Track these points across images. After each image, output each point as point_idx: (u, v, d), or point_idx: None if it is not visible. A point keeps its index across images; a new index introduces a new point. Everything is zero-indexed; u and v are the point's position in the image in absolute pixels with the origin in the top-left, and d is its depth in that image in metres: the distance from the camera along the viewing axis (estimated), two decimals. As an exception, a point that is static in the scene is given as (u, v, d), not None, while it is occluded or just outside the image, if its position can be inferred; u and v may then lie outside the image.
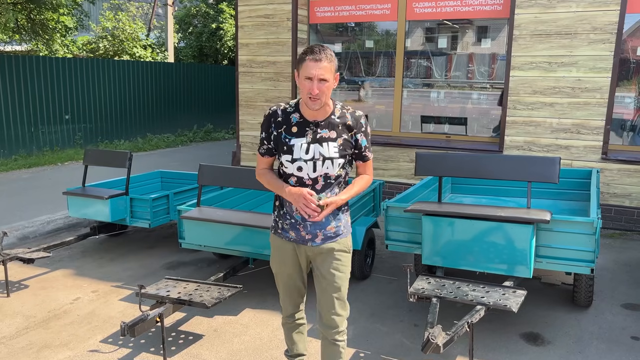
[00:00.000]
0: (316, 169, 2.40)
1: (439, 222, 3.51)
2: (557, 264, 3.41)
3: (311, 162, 2.39)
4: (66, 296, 4.32)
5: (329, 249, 2.49)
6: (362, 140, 2.47)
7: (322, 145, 2.40)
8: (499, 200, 5.13)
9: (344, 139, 2.42)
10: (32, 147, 10.69)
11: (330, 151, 2.40)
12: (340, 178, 2.48)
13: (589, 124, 5.94)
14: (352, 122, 2.44)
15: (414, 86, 7.26)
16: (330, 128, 2.41)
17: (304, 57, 2.30)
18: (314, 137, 2.40)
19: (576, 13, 5.83)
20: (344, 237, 2.53)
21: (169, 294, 3.50)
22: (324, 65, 2.27)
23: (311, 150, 2.39)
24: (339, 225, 2.51)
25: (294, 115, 2.44)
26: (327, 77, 2.28)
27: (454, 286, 3.25)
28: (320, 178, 2.42)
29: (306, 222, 2.46)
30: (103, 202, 4.90)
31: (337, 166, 2.41)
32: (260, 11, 7.51)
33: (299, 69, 2.33)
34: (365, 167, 2.58)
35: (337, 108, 2.46)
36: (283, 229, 2.54)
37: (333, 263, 2.49)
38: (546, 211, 3.38)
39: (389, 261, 5.12)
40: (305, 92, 2.29)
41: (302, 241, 2.49)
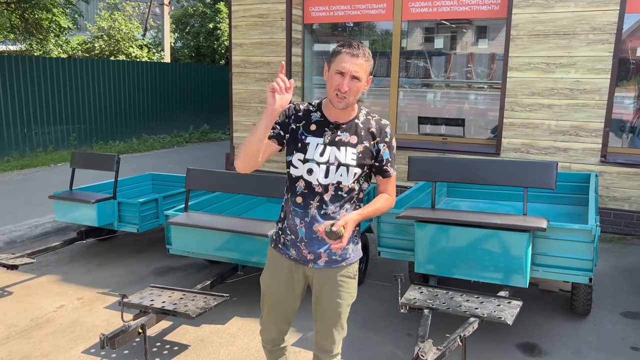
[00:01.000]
0: (328, 175, 2.14)
1: (432, 229, 3.39)
2: (554, 272, 3.30)
3: (324, 165, 2.14)
4: (50, 303, 4.20)
5: (332, 273, 2.23)
6: (384, 151, 2.20)
7: (340, 149, 2.15)
8: (496, 204, 5.01)
9: (364, 147, 2.16)
10: (25, 148, 10.56)
11: (347, 157, 2.14)
12: (353, 193, 2.20)
13: (588, 126, 5.83)
14: (375, 130, 2.20)
15: (410, 87, 7.15)
16: (351, 132, 2.17)
17: (340, 49, 2.07)
18: (332, 139, 2.15)
19: (575, 13, 5.71)
20: (351, 262, 2.25)
21: (153, 303, 3.39)
22: (360, 62, 2.04)
23: (327, 153, 2.14)
24: (347, 248, 2.23)
25: (315, 114, 2.21)
26: (360, 76, 2.05)
27: (447, 296, 3.13)
28: (332, 187, 2.15)
29: (311, 239, 2.19)
30: (90, 206, 4.78)
31: (352, 176, 2.14)
32: (254, 11, 7.39)
33: (331, 62, 2.09)
34: (387, 185, 2.27)
35: (362, 113, 2.22)
36: (284, 245, 2.29)
37: (335, 290, 2.24)
38: (543, 218, 3.26)
39: (383, 267, 5.01)
40: (334, 87, 2.06)
41: (302, 261, 2.24)
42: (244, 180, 4.08)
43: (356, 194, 2.22)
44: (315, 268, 2.24)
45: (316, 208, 2.17)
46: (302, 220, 2.19)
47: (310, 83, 7.68)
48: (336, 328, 2.31)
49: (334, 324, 2.30)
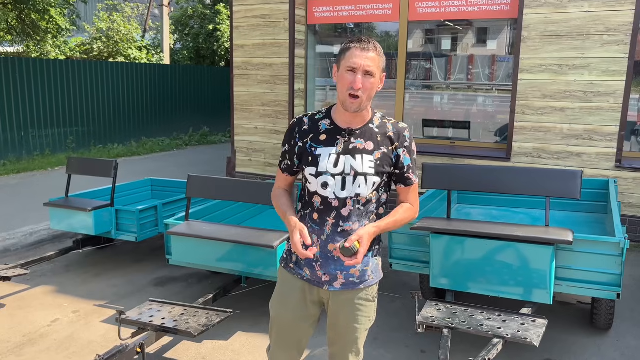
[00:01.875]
0: (345, 187, 1.94)
1: (448, 241, 3.19)
2: (579, 287, 3.11)
3: (340, 177, 1.94)
4: (44, 317, 4.00)
5: (350, 296, 2.04)
6: (404, 157, 2.01)
7: (355, 157, 1.95)
8: (510, 212, 4.82)
9: (382, 153, 1.97)
10: (22, 152, 10.36)
11: (365, 166, 1.94)
12: (372, 206, 2.00)
13: (602, 130, 5.63)
14: (393, 134, 2.00)
15: (417, 89, 6.96)
16: (366, 138, 1.97)
17: (349, 45, 1.90)
18: (346, 148, 1.96)
19: (589, 13, 5.52)
20: (370, 285, 2.06)
21: (152, 320, 3.19)
22: (372, 56, 1.87)
23: (341, 163, 1.94)
24: (366, 270, 2.03)
25: (324, 122, 2.02)
26: (373, 71, 1.87)
27: (467, 314, 2.94)
28: (350, 201, 1.95)
29: (327, 259, 1.99)
30: (86, 214, 4.58)
31: (370, 186, 1.95)
32: (256, 11, 7.20)
33: (340, 60, 1.92)
34: (408, 194, 2.06)
35: (377, 117, 2.03)
36: (297, 264, 2.07)
37: (353, 315, 2.05)
38: (567, 230, 3.07)
39: (392, 276, 4.80)
40: (346, 87, 1.88)
41: (317, 282, 2.04)
42: (246, 187, 3.89)
43: (375, 207, 2.02)
44: (330, 291, 2.04)
45: (332, 225, 1.97)
46: (318, 238, 2.00)
47: (313, 85, 7.49)
48: (352, 353, 2.13)
49: (350, 349, 2.12)
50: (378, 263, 2.11)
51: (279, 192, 2.14)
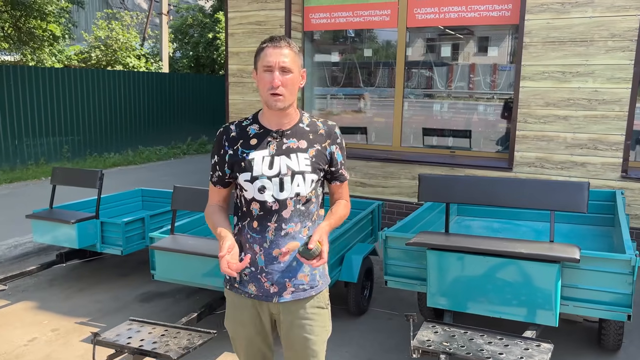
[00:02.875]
0: (284, 188, 1.89)
1: (446, 257, 2.99)
2: (587, 308, 2.90)
3: (277, 179, 1.88)
4: (22, 336, 3.80)
5: (301, 304, 1.95)
6: (337, 154, 2.00)
7: (290, 157, 1.91)
8: (512, 224, 4.61)
9: (316, 150, 1.95)
10: (16, 161, 10.20)
11: (301, 164, 1.91)
12: (313, 206, 1.96)
13: (607, 139, 5.43)
14: (325, 132, 1.98)
15: (416, 97, 6.78)
16: (298, 137, 1.94)
17: (262, 45, 1.89)
18: (279, 148, 1.91)
19: (592, 19, 5.35)
20: (321, 290, 1.99)
21: (130, 341, 2.98)
22: (286, 52, 1.85)
23: (276, 164, 1.89)
24: (314, 274, 1.97)
25: (252, 127, 1.97)
26: (290, 67, 1.84)
27: (466, 337, 2.72)
28: (290, 202, 1.89)
29: (270, 268, 1.91)
30: (69, 226, 4.39)
31: (309, 184, 1.91)
32: (251, 18, 7.05)
33: (257, 62, 1.90)
34: (342, 191, 2.07)
35: (306, 116, 2.01)
36: (241, 283, 1.97)
37: (306, 325, 1.95)
38: (573, 246, 2.86)
39: (389, 292, 4.59)
40: (266, 87, 1.85)
41: (265, 297, 1.94)
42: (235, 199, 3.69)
43: (315, 207, 1.99)
44: (280, 303, 1.95)
45: (274, 229, 1.90)
46: (260, 247, 1.92)
47: (310, 93, 7.32)
48: None
49: None
50: (325, 267, 2.05)
51: (213, 208, 2.04)
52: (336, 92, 7.24)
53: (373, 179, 6.51)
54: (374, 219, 4.74)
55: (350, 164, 6.61)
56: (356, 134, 7.09)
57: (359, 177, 6.57)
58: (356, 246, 4.21)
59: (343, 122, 7.18)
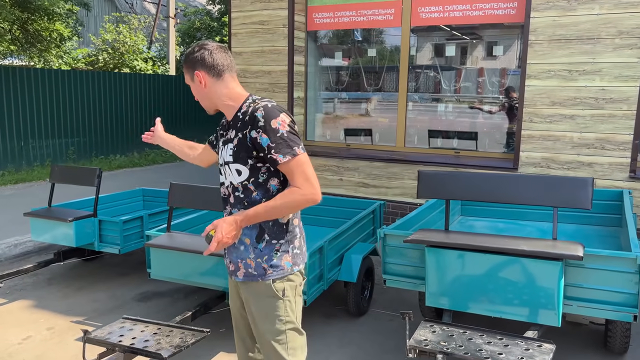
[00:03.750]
0: (225, 177, 2.06)
1: (445, 255, 2.91)
2: (591, 308, 2.80)
3: (222, 167, 2.08)
4: (16, 334, 3.76)
5: (251, 289, 2.03)
6: (261, 138, 1.88)
7: (226, 147, 2.04)
8: (516, 224, 4.51)
9: (238, 139, 1.97)
10: (22, 162, 10.23)
11: (226, 154, 2.02)
12: (254, 195, 1.95)
13: (615, 139, 5.32)
14: (248, 117, 1.94)
15: (420, 98, 6.70)
16: (233, 127, 2.03)
17: None
18: (225, 139, 2.08)
19: (599, 16, 5.25)
20: (269, 279, 1.98)
21: (122, 340, 2.92)
22: (184, 70, 2.07)
23: (221, 155, 2.09)
24: (259, 262, 1.98)
25: (224, 119, 2.17)
26: (188, 81, 2.07)
27: (465, 337, 2.64)
28: (228, 190, 2.05)
29: (229, 248, 2.06)
30: (67, 224, 4.35)
31: (236, 174, 1.97)
32: (254, 17, 7.01)
33: None
34: (290, 175, 1.90)
35: (246, 104, 2.00)
36: None
37: (261, 311, 2.02)
38: (577, 244, 2.77)
39: (391, 293, 4.51)
40: None
41: (229, 273, 2.12)
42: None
43: (260, 195, 1.95)
44: (238, 282, 2.09)
45: (228, 214, 2.06)
46: None
47: (314, 93, 7.26)
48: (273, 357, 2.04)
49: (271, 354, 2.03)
50: (281, 258, 1.99)
51: None
52: (340, 94, 7.18)
53: (376, 179, 6.44)
54: (376, 218, 4.66)
55: (354, 165, 6.54)
56: (360, 135, 7.02)
57: (362, 177, 6.49)
58: (356, 246, 4.13)
59: (348, 124, 7.12)
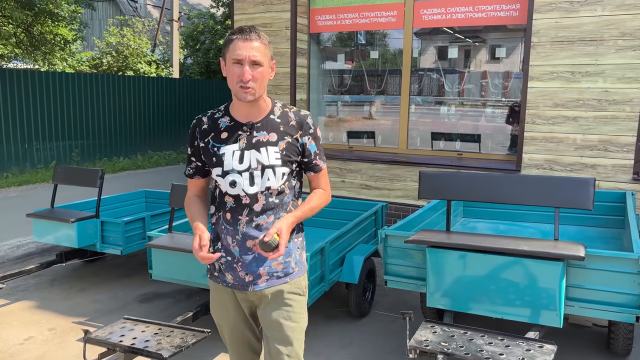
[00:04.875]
0: (254, 182, 1.90)
1: (446, 256, 2.90)
2: (593, 309, 2.78)
3: (247, 173, 1.89)
4: (18, 335, 3.76)
5: (276, 292, 1.96)
6: (310, 144, 1.97)
7: (260, 150, 1.90)
8: (519, 226, 4.49)
9: (287, 143, 1.93)
10: (26, 164, 10.27)
11: (271, 158, 1.90)
12: (287, 197, 1.96)
13: (618, 140, 5.30)
14: (296, 123, 1.95)
15: (423, 100, 6.69)
16: (269, 130, 1.92)
17: (231, 37, 1.85)
18: (249, 142, 1.91)
19: (602, 17, 5.24)
20: (296, 277, 2.00)
21: (122, 340, 2.92)
22: (257, 45, 1.82)
23: (246, 158, 1.90)
24: (288, 261, 1.98)
25: (223, 120, 1.96)
26: (260, 60, 1.82)
27: (465, 337, 2.62)
28: (261, 195, 1.91)
29: (245, 258, 1.93)
30: (69, 225, 4.36)
31: (280, 177, 1.91)
32: (257, 20, 7.03)
33: (225, 53, 1.86)
34: (319, 180, 2.05)
35: (277, 107, 1.98)
36: (219, 271, 2.01)
37: (282, 310, 1.96)
38: (579, 244, 2.76)
39: (393, 295, 4.50)
40: (235, 79, 1.83)
41: (242, 286, 1.96)
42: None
43: (290, 197, 1.98)
44: (256, 291, 1.96)
45: (246, 222, 1.92)
46: (233, 239, 1.94)
47: (317, 96, 7.26)
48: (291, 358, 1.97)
49: (287, 352, 1.96)
50: (302, 254, 2.05)
51: (191, 200, 2.06)
52: (343, 97, 7.18)
53: (379, 181, 6.43)
54: (378, 220, 4.66)
55: (356, 167, 6.53)
56: (362, 137, 7.02)
57: (365, 179, 6.49)
58: (358, 247, 4.13)
59: (351, 126, 7.12)
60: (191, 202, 2.04)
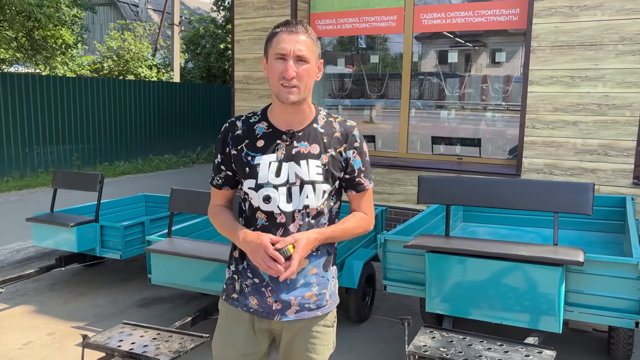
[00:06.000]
0: (292, 199, 1.67)
1: (445, 260, 2.89)
2: (592, 314, 2.78)
3: (284, 188, 1.66)
4: (17, 339, 3.76)
5: (305, 326, 1.75)
6: (354, 160, 1.73)
7: (300, 164, 1.67)
8: (519, 230, 4.49)
9: (330, 156, 1.70)
10: (26, 169, 10.28)
11: (311, 172, 1.67)
12: (324, 218, 1.72)
13: (618, 145, 5.30)
14: (341, 134, 1.73)
15: (423, 104, 6.70)
16: (311, 140, 1.69)
17: (275, 30, 1.64)
18: (288, 153, 1.67)
19: (602, 22, 5.24)
20: (329, 310, 1.79)
21: (121, 344, 2.92)
22: (303, 39, 1.61)
23: (284, 171, 1.67)
24: (323, 293, 1.76)
25: (260, 125, 1.71)
26: (307, 56, 1.61)
27: (464, 343, 2.62)
28: (298, 214, 1.67)
29: (275, 283, 1.70)
30: (68, 230, 4.36)
31: (320, 195, 1.68)
32: (257, 24, 7.05)
33: (268, 49, 1.64)
34: (361, 201, 1.79)
35: (322, 115, 1.75)
36: (241, 293, 1.75)
37: (309, 344, 1.75)
38: (578, 249, 2.75)
39: (392, 300, 4.49)
40: (277, 77, 1.60)
41: (267, 313, 1.73)
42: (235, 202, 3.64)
43: (327, 219, 1.74)
44: (283, 321, 1.74)
45: None
46: None
47: (317, 100, 7.27)
48: None
49: None
50: (336, 285, 1.84)
51: (218, 208, 1.82)
52: (344, 101, 7.19)
53: (379, 185, 6.43)
54: (378, 224, 4.65)
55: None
56: (362, 140, 7.02)
57: (365, 184, 6.48)
58: (357, 251, 4.12)
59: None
60: (218, 210, 1.80)
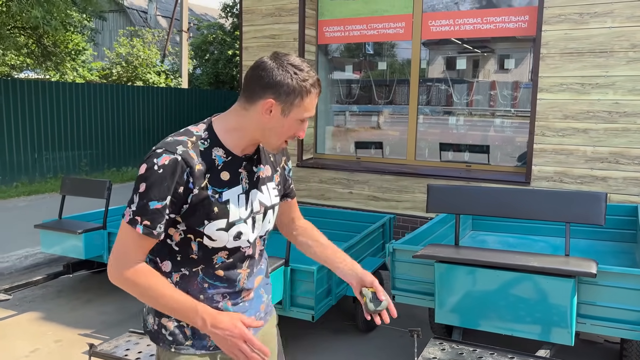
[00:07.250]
0: (255, 228, 1.55)
1: (455, 271, 2.86)
2: (605, 326, 2.73)
3: (250, 219, 1.52)
4: (24, 347, 3.75)
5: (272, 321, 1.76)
6: (288, 168, 1.73)
7: (262, 189, 1.56)
8: (529, 239, 4.44)
9: (280, 175, 1.67)
10: (35, 174, 10.34)
11: (272, 196, 1.60)
12: None
13: (629, 153, 5.24)
14: None
15: (431, 111, 6.67)
16: (264, 162, 1.59)
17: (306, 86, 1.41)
18: (251, 181, 1.53)
19: (612, 29, 5.20)
20: (273, 313, 1.78)
21: (128, 354, 2.91)
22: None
23: (249, 202, 1.51)
24: (270, 299, 1.75)
25: (217, 153, 1.46)
26: None
27: (474, 355, 2.58)
28: (260, 241, 1.59)
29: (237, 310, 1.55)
30: (76, 237, 4.36)
31: (275, 216, 1.65)
32: (265, 31, 7.06)
33: (292, 104, 1.41)
34: (296, 207, 1.80)
35: None
36: (195, 337, 1.51)
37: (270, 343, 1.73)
38: (590, 260, 2.71)
39: (401, 309, 4.43)
40: (287, 134, 1.46)
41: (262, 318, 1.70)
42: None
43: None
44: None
45: (246, 276, 1.56)
46: (225, 295, 1.53)
47: (325, 106, 7.26)
48: None
49: None
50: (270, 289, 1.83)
51: (144, 268, 1.43)
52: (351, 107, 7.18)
53: (387, 192, 6.40)
54: (385, 232, 4.62)
55: (364, 178, 6.51)
56: (370, 148, 7.01)
57: (372, 190, 6.46)
58: (365, 260, 4.09)
59: (359, 137, 7.11)
60: (145, 271, 1.43)
